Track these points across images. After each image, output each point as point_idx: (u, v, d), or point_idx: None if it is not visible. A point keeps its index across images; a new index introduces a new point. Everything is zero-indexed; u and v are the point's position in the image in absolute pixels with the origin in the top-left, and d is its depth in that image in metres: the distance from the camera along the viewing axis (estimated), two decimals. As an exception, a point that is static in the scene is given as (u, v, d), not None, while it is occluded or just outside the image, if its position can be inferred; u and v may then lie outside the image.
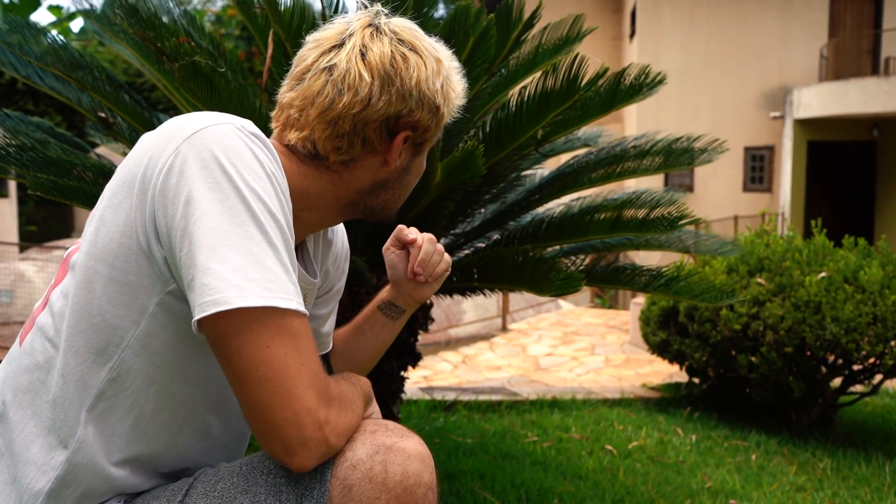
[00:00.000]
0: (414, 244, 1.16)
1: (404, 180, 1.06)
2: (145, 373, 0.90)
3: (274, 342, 0.80)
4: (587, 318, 8.75)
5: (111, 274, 0.87)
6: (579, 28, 2.17)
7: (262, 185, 0.85)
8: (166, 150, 0.85)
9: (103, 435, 0.91)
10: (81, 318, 0.89)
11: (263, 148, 0.88)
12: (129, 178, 0.87)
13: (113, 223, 0.87)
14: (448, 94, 1.01)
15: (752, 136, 13.80)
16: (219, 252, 0.80)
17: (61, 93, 2.22)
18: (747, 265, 3.96)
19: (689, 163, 2.12)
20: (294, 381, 0.81)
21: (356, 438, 0.90)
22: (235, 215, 0.81)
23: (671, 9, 13.92)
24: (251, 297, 0.79)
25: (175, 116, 0.91)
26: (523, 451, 3.09)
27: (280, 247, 0.84)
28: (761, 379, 3.80)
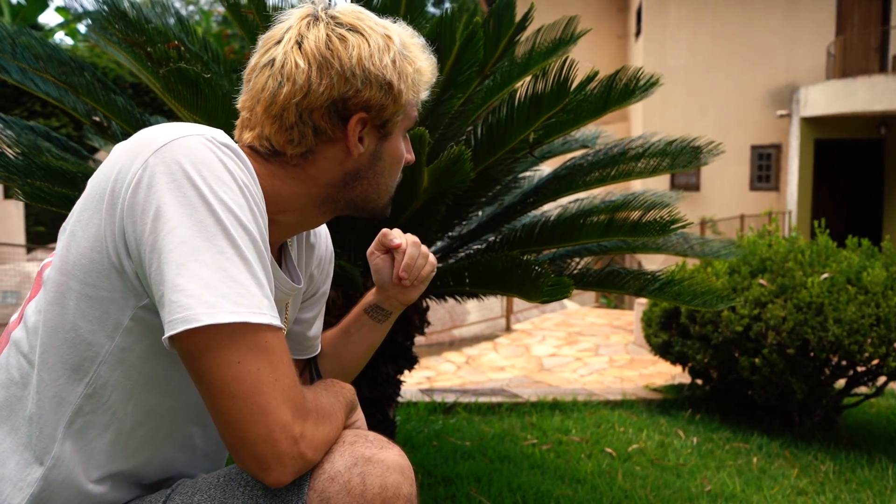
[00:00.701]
0: (398, 249, 1.14)
1: (378, 167, 1.02)
2: (123, 387, 0.89)
3: (247, 358, 0.79)
4: (592, 319, 8.72)
5: (83, 289, 0.86)
6: (573, 30, 2.16)
7: (234, 197, 0.83)
8: (135, 164, 0.83)
9: (83, 452, 0.90)
10: (55, 334, 0.88)
11: (235, 158, 0.87)
12: (99, 192, 0.85)
13: (83, 238, 0.86)
14: (404, 70, 0.96)
15: (758, 135, 13.74)
16: (188, 268, 0.79)
17: (57, 98, 2.22)
18: (749, 266, 3.93)
19: (685, 164, 2.10)
20: (268, 396, 0.80)
21: (335, 450, 0.89)
22: (205, 229, 0.80)
23: (677, 7, 13.86)
24: (221, 313, 0.78)
25: (146, 128, 0.89)
26: (522, 455, 3.08)
27: (252, 260, 0.82)
28: (763, 381, 3.77)
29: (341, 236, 2.13)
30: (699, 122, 13.64)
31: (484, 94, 2.11)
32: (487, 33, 1.87)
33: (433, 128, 2.04)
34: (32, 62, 2.00)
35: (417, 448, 3.02)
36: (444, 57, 1.74)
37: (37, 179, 1.77)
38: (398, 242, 1.14)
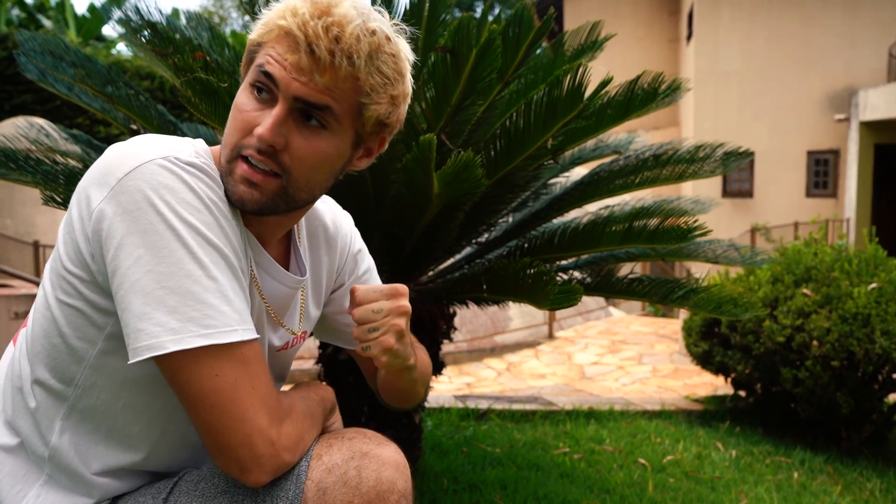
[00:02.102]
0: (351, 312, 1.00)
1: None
2: (110, 388, 0.93)
3: (223, 370, 0.83)
4: (637, 327, 8.59)
5: (66, 299, 0.90)
6: (598, 35, 2.14)
7: (201, 217, 0.85)
8: (101, 193, 0.85)
9: (80, 444, 0.94)
10: (46, 338, 0.92)
11: (201, 175, 0.87)
12: (73, 214, 0.88)
13: (65, 253, 0.89)
14: (263, 16, 0.92)
15: (815, 140, 13.33)
16: (154, 296, 0.81)
17: (101, 109, 2.31)
18: (793, 275, 3.82)
19: (712, 171, 2.07)
20: (245, 405, 0.84)
21: (334, 444, 0.93)
22: (171, 254, 0.82)
23: (730, 9, 13.58)
24: (188, 338, 0.81)
25: (115, 144, 0.90)
26: (552, 463, 3.05)
27: (221, 278, 0.84)
28: (807, 394, 3.66)
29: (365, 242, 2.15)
30: (753, 126, 13.31)
31: (506, 100, 2.11)
32: (507, 41, 1.87)
33: (455, 135, 2.05)
34: (71, 73, 2.09)
35: (446, 453, 3.02)
36: (462, 64, 1.75)
37: (64, 184, 1.84)
38: (350, 310, 0.99)
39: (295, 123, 0.90)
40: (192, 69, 1.58)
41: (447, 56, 1.77)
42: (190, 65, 1.59)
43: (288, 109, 0.88)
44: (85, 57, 2.18)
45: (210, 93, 1.58)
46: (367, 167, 1.04)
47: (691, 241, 1.75)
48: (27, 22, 17.25)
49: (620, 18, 15.35)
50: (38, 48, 2.09)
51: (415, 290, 2.23)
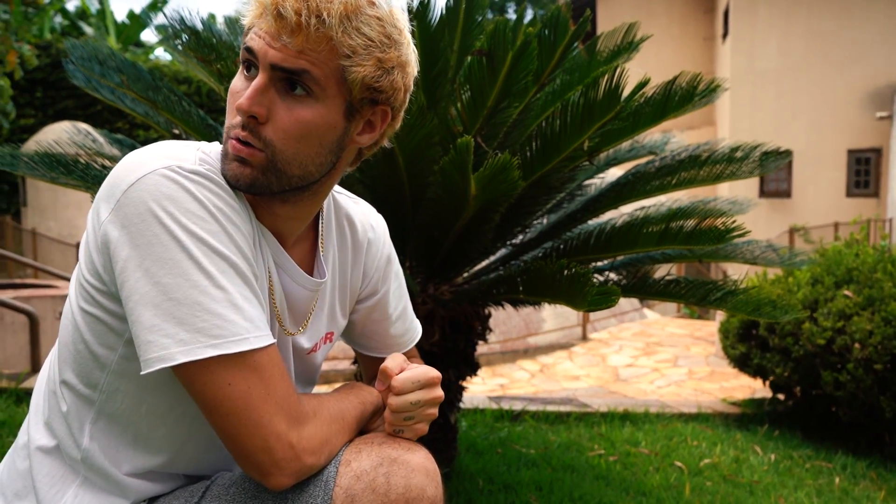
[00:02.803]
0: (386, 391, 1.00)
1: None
2: (133, 393, 0.94)
3: (235, 379, 0.83)
4: (672, 329, 8.50)
5: (86, 307, 0.92)
6: (633, 36, 2.14)
7: (205, 225, 0.85)
8: (107, 207, 0.86)
9: (109, 448, 0.95)
10: (71, 345, 0.94)
11: (205, 182, 0.87)
12: (88, 226, 0.91)
13: (84, 262, 0.91)
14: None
15: (856, 138, 13.05)
16: (162, 308, 0.82)
17: (143, 114, 2.37)
18: (834, 276, 3.75)
19: (750, 172, 2.05)
20: (260, 411, 0.84)
21: (363, 449, 0.92)
22: (176, 266, 0.82)
23: (767, 6, 13.36)
24: (197, 348, 0.81)
25: (126, 156, 0.90)
26: (587, 465, 3.04)
27: (230, 286, 0.84)
28: (849, 398, 3.59)
29: (401, 243, 2.18)
30: (791, 125, 13.09)
31: (542, 102, 2.12)
32: (542, 43, 1.87)
33: (490, 137, 2.06)
34: (117, 80, 2.15)
35: (481, 454, 3.03)
36: (498, 67, 1.76)
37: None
38: (380, 388, 1.01)
39: (278, 94, 0.88)
40: (233, 75, 1.61)
41: (483, 59, 1.79)
42: (232, 70, 1.63)
43: (268, 79, 0.87)
44: (129, 63, 2.24)
45: (252, 98, 1.62)
46: (404, 167, 1.04)
47: (729, 243, 1.73)
48: (69, 29, 17.69)
49: (654, 17, 15.20)
50: (85, 55, 2.16)
51: (450, 291, 2.25)
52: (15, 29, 6.57)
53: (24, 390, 3.12)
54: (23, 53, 6.48)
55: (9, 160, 2.07)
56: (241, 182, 0.89)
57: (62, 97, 14.17)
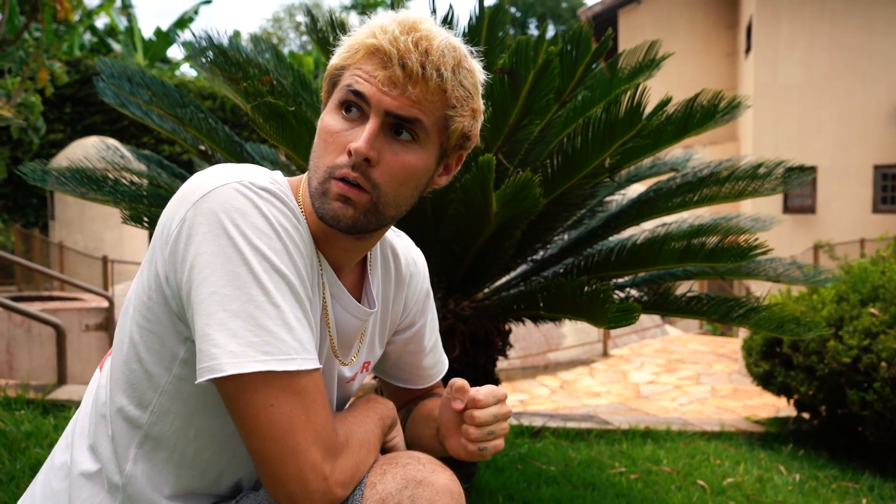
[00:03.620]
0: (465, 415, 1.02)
1: (314, 144, 0.98)
2: (183, 415, 0.95)
3: (278, 401, 0.83)
4: (694, 346, 8.41)
5: (145, 325, 0.93)
6: (655, 54, 2.15)
7: (269, 242, 0.86)
8: (177, 217, 0.88)
9: (153, 471, 0.96)
10: (125, 364, 0.95)
11: (274, 201, 0.89)
12: (155, 240, 0.93)
13: (147, 277, 0.93)
14: (345, 41, 0.96)
15: (882, 154, 12.89)
16: (217, 318, 0.83)
17: (170, 130, 2.42)
18: (859, 294, 3.70)
19: (773, 189, 2.04)
20: (298, 438, 0.84)
21: (388, 471, 0.92)
22: (237, 278, 0.84)
23: (790, 21, 13.28)
24: (246, 362, 0.82)
25: (197, 173, 0.94)
26: (608, 482, 3.02)
27: (285, 305, 0.85)
28: (876, 417, 3.53)
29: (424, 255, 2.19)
30: (815, 140, 12.96)
31: (563, 120, 2.13)
32: (564, 60, 1.89)
33: (512, 154, 2.07)
34: (146, 98, 2.20)
35: (501, 471, 3.02)
36: (519, 84, 1.78)
37: (145, 204, 1.93)
38: (458, 406, 1.01)
39: (385, 139, 0.92)
40: (260, 93, 1.65)
41: (504, 77, 1.80)
42: (259, 89, 1.66)
43: (380, 124, 0.91)
44: (158, 81, 2.29)
45: (277, 115, 1.65)
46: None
47: (751, 260, 1.73)
48: (98, 46, 18.05)
49: (676, 32, 15.17)
50: (115, 73, 2.21)
51: (471, 307, 2.25)
52: (46, 46, 6.72)
53: (51, 402, 3.17)
54: (53, 70, 6.62)
55: (39, 175, 2.12)
56: (343, 222, 0.93)
57: (90, 113, 14.44)
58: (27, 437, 2.68)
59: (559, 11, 34.65)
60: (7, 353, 4.88)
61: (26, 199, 14.13)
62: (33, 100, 6.49)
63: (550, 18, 34.47)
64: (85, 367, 5.16)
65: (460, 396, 1.01)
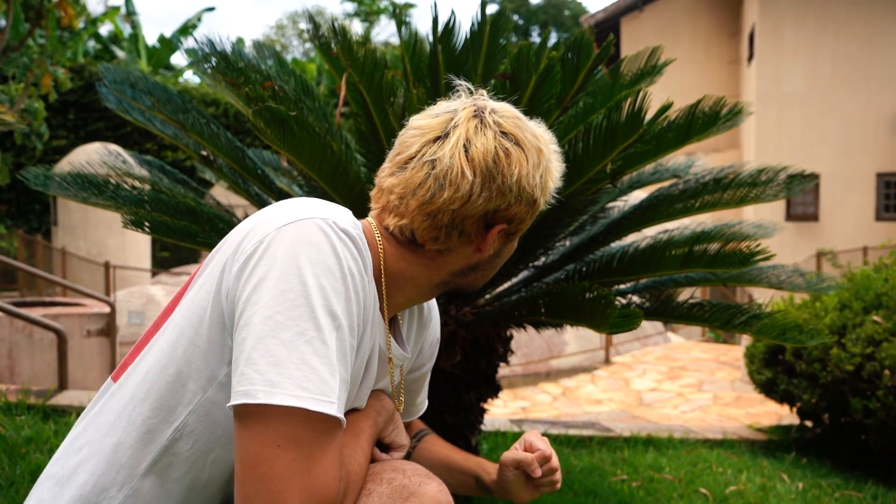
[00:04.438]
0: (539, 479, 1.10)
1: (495, 263, 1.08)
2: (206, 440, 0.94)
3: (287, 443, 0.81)
4: (697, 353, 8.39)
5: (194, 338, 0.92)
6: (657, 60, 2.15)
7: (333, 283, 0.87)
8: (254, 238, 0.90)
9: (161, 489, 0.94)
10: (162, 374, 0.93)
11: (350, 245, 0.91)
12: (225, 255, 0.93)
13: (207, 292, 0.92)
14: (546, 185, 1.02)
15: (885, 162, 12.88)
16: (265, 343, 0.82)
17: (172, 135, 2.43)
18: (863, 301, 3.69)
19: (774, 196, 2.03)
20: (290, 492, 0.80)
21: (373, 490, 0.93)
22: (293, 309, 0.83)
23: (793, 30, 13.30)
24: (280, 395, 0.80)
25: (283, 201, 0.97)
26: (609, 490, 3.01)
27: (332, 346, 0.85)
28: (879, 425, 3.51)
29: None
30: (818, 148, 12.96)
31: (565, 125, 2.13)
32: (566, 66, 1.89)
33: (513, 159, 2.07)
34: (148, 103, 2.21)
35: (502, 478, 3.00)
36: (521, 90, 1.78)
37: (147, 209, 1.93)
38: (539, 474, 1.08)
39: None
40: (262, 98, 1.65)
41: (506, 82, 1.80)
42: (260, 94, 1.66)
43: None
44: (160, 87, 2.29)
45: (279, 121, 1.65)
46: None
47: (753, 266, 1.72)
48: (102, 53, 18.13)
49: (679, 40, 15.20)
50: (118, 79, 2.22)
51: (472, 313, 2.25)
52: (50, 53, 6.75)
53: (51, 407, 3.17)
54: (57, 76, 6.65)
55: (42, 180, 2.12)
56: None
57: (94, 119, 14.49)
58: (27, 442, 2.67)
59: (562, 19, 34.74)
60: (8, 358, 4.88)
61: (29, 205, 14.18)
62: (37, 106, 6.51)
63: (553, 26, 34.56)
64: (86, 373, 5.16)
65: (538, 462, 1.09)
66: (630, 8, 15.62)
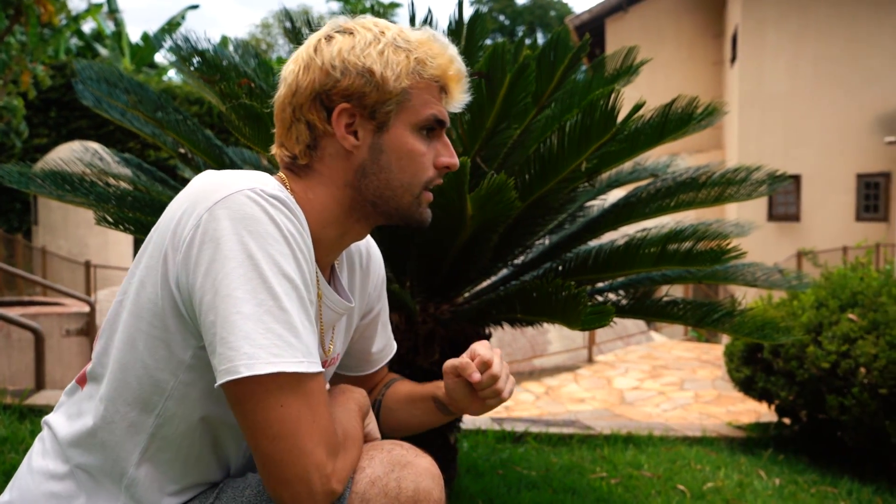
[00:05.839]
0: (478, 384, 1.09)
1: (382, 161, 1.01)
2: (188, 419, 0.97)
3: (287, 401, 0.86)
4: (679, 352, 8.45)
5: (150, 331, 0.94)
6: (633, 59, 2.16)
7: (278, 247, 0.89)
8: (189, 223, 0.90)
9: (158, 472, 0.98)
10: (127, 371, 0.96)
11: (281, 208, 0.92)
12: (161, 244, 0.93)
13: (151, 285, 0.93)
14: (391, 59, 0.98)
15: (865, 163, 13.02)
16: (231, 320, 0.85)
17: (150, 134, 2.41)
18: (839, 300, 3.74)
19: (748, 195, 2.06)
20: (305, 438, 0.87)
21: (375, 456, 0.98)
22: (247, 283, 0.86)
23: (776, 31, 13.41)
24: (259, 364, 0.85)
25: (202, 174, 0.97)
26: (589, 487, 3.03)
27: (292, 309, 0.88)
28: (854, 422, 3.55)
29: (401, 263, 2.19)
30: (800, 149, 13.07)
31: (542, 124, 2.14)
32: (542, 65, 1.90)
33: (490, 158, 2.08)
34: (124, 100, 2.19)
35: (482, 476, 3.02)
36: (496, 89, 1.79)
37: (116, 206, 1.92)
38: (477, 377, 1.07)
39: None
40: (237, 95, 1.65)
41: (482, 81, 1.81)
42: (235, 91, 1.66)
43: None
44: (137, 84, 2.28)
45: (254, 118, 1.65)
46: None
47: (728, 264, 1.74)
48: (84, 51, 17.96)
49: (663, 41, 15.28)
50: (94, 76, 2.20)
51: (450, 311, 2.26)
52: (31, 50, 6.68)
53: (28, 407, 3.14)
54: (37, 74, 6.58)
55: (16, 177, 2.11)
56: (428, 222, 1.08)
57: (76, 117, 14.35)
58: (3, 442, 2.65)
59: (548, 20, 34.84)
60: (-14, 358, 4.82)
61: (9, 204, 14.03)
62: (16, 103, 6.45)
63: (539, 27, 34.66)
64: (65, 373, 5.11)
65: (477, 368, 1.07)
66: (615, 9, 15.69)
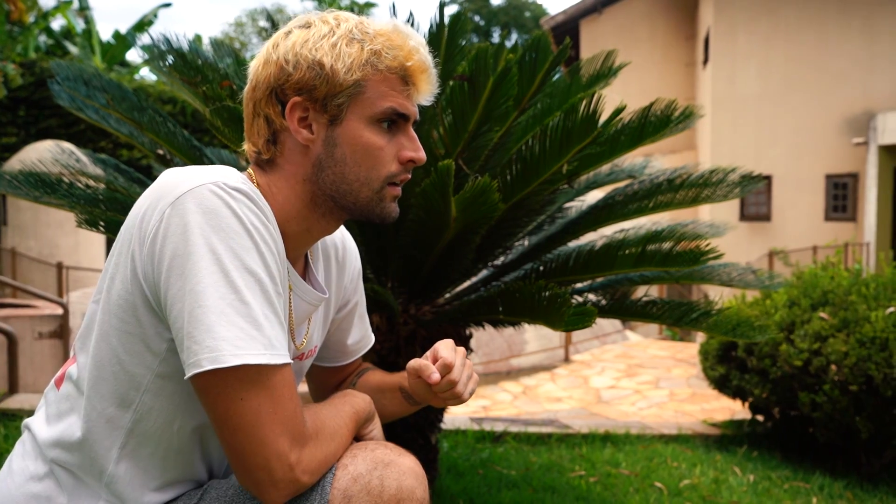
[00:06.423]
0: (435, 384, 1.08)
1: (336, 155, 1.01)
2: (166, 412, 0.98)
3: (248, 394, 0.88)
4: (654, 351, 8.54)
5: (123, 327, 0.95)
6: (612, 63, 2.19)
7: (240, 241, 0.90)
8: (153, 217, 0.91)
9: (137, 468, 0.99)
10: (103, 367, 0.96)
11: (245, 200, 0.92)
12: (128, 240, 0.94)
13: (121, 281, 0.94)
14: (344, 51, 0.97)
15: (834, 164, 13.27)
16: (194, 314, 0.86)
17: (128, 134, 2.39)
18: (810, 299, 3.81)
19: (724, 196, 2.10)
20: (266, 429, 0.88)
21: (358, 455, 0.98)
22: (209, 276, 0.87)
23: (747, 33, 13.61)
24: (222, 357, 0.86)
25: (169, 170, 0.97)
26: (568, 486, 3.06)
27: (254, 302, 0.89)
28: (825, 418, 3.63)
29: (383, 263, 2.20)
30: (771, 150, 13.28)
31: (523, 127, 2.16)
32: (523, 68, 1.92)
33: (472, 160, 2.09)
34: (102, 101, 2.17)
35: (462, 475, 3.03)
36: (479, 91, 1.80)
37: (101, 208, 1.90)
38: (435, 378, 1.06)
39: None
40: (220, 97, 1.64)
41: (464, 84, 1.83)
42: (218, 93, 1.66)
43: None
44: (115, 84, 2.26)
45: (237, 120, 1.65)
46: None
47: (704, 265, 1.77)
48: (54, 48, 17.66)
49: (637, 43, 15.43)
50: (70, 76, 2.18)
51: (432, 312, 2.27)
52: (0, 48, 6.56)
53: (1, 411, 3.09)
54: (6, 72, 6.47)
55: (-9, 179, 2.07)
56: (394, 218, 1.06)
57: (45, 116, 14.10)
58: (-24, 447, 2.61)
59: (523, 21, 34.97)
60: (-44, 361, 4.73)
61: (-23, 204, 13.74)
62: (-15, 102, 6.32)
63: (514, 27, 34.78)
64: (38, 376, 5.04)
65: (437, 371, 1.07)
66: (589, 10, 15.80)
